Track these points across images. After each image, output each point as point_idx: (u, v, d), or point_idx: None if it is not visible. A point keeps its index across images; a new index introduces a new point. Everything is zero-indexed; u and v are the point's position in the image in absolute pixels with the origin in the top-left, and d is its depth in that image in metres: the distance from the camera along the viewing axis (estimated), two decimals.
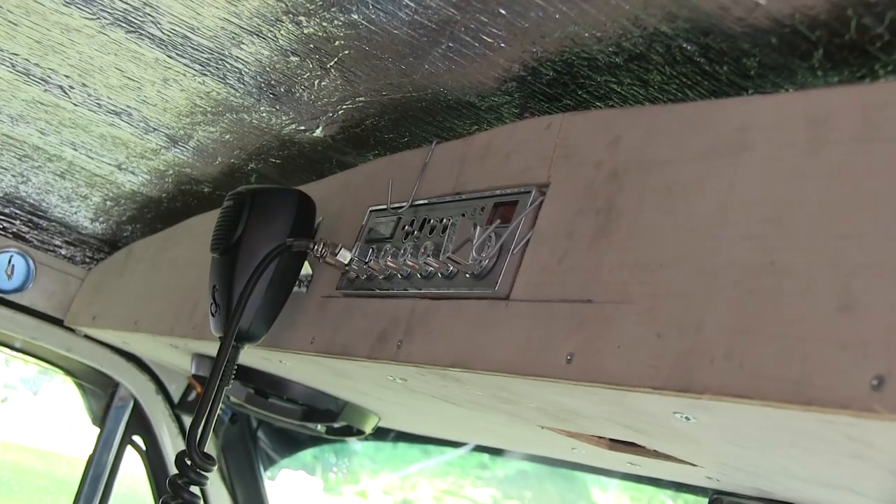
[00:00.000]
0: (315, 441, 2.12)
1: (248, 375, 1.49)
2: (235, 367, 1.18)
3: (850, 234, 0.63)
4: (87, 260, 2.15)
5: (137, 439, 2.10)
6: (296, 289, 1.22)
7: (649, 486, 1.53)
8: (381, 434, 2.01)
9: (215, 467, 1.16)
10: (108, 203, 1.95)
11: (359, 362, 1.06)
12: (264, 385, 1.49)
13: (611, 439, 1.07)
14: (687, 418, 0.75)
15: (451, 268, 0.94)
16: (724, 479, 1.09)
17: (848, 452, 0.70)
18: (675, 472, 1.17)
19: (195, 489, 1.13)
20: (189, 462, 1.12)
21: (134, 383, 2.08)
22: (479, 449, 1.83)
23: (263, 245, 1.15)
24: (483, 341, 0.88)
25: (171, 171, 1.70)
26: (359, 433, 1.54)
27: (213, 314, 1.20)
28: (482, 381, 0.92)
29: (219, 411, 2.10)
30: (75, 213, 2.04)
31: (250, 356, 1.33)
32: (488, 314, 0.89)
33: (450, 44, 1.00)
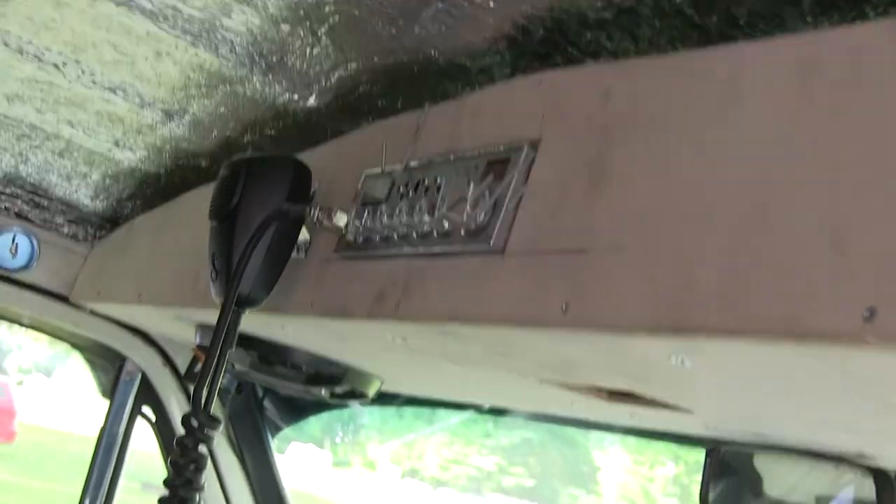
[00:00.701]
0: (320, 407, 2.15)
1: (251, 343, 1.50)
2: (237, 332, 1.20)
3: (841, 175, 0.64)
4: (90, 237, 2.16)
5: (147, 410, 2.14)
6: (294, 255, 1.23)
7: (649, 441, 1.55)
8: (386, 401, 2.03)
9: (220, 427, 1.18)
10: (108, 180, 1.96)
11: (358, 323, 1.07)
12: (267, 352, 1.51)
13: (609, 391, 1.09)
14: (683, 361, 0.77)
15: (446, 225, 0.96)
16: (721, 425, 1.11)
17: (842, 388, 0.72)
18: (672, 422, 1.19)
19: (202, 449, 1.16)
20: (195, 422, 1.15)
21: (141, 357, 2.11)
22: (485, 412, 1.85)
23: (260, 211, 1.17)
24: (480, 295, 0.90)
25: (167, 147, 1.71)
26: (362, 397, 1.56)
27: (213, 280, 1.22)
28: (480, 336, 0.94)
29: (225, 382, 2.13)
30: (76, 191, 2.06)
31: (252, 324, 1.35)
32: (484, 269, 0.91)
33: (440, 4, 1.01)
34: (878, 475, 1.06)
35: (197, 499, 1.17)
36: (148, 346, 2.10)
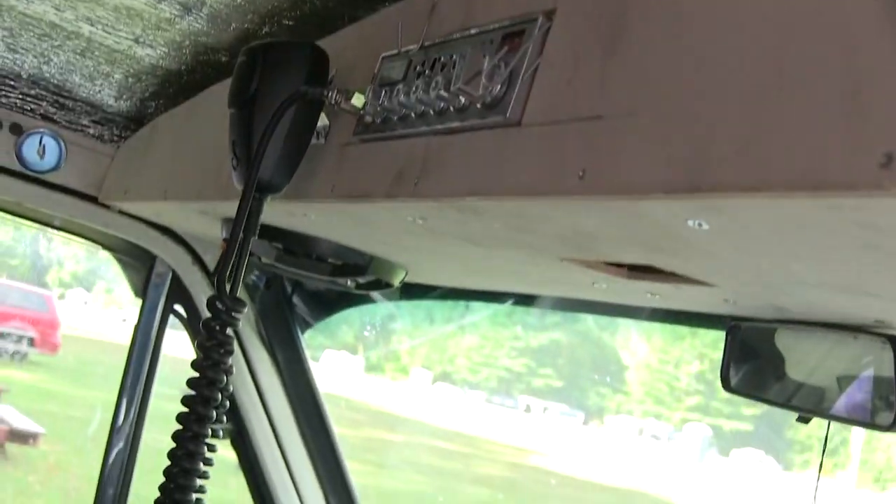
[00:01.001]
0: (348, 303, 2.19)
1: (276, 235, 1.52)
2: (259, 218, 1.21)
3: (855, 23, 0.63)
4: (116, 138, 2.18)
5: (179, 308, 2.18)
6: (314, 141, 1.23)
7: (671, 325, 1.56)
8: (413, 295, 2.06)
9: (245, 309, 1.21)
10: (130, 80, 1.96)
11: (378, 204, 1.08)
12: (293, 244, 1.53)
13: (629, 267, 1.10)
14: (700, 224, 0.77)
15: (463, 100, 0.95)
16: (740, 298, 1.11)
17: (859, 243, 0.72)
18: (692, 299, 1.20)
19: (229, 332, 1.19)
20: (220, 305, 1.17)
21: (170, 255, 2.14)
22: (512, 303, 1.87)
23: (278, 96, 1.17)
24: (497, 168, 0.90)
25: (187, 42, 1.70)
26: (387, 286, 1.58)
27: (234, 168, 1.23)
28: (499, 210, 0.94)
29: (253, 278, 2.17)
30: (99, 91, 2.06)
31: (276, 214, 1.36)
32: (501, 141, 0.91)
33: None
34: None
35: (225, 380, 1.20)
36: (177, 245, 2.13)
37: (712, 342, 1.45)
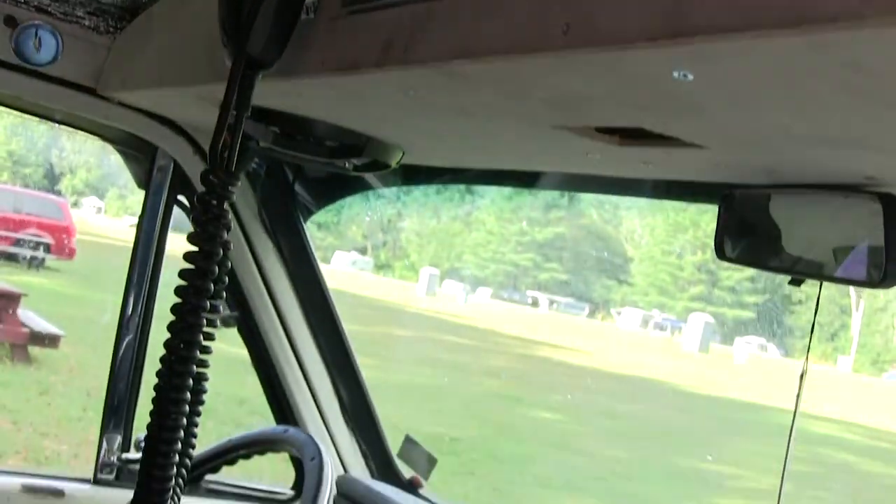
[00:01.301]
0: (350, 189, 2.20)
1: (273, 119, 1.52)
2: (251, 94, 1.21)
3: None
4: (112, 29, 2.15)
5: (182, 198, 2.19)
6: (304, 17, 1.22)
7: (669, 199, 1.57)
8: (414, 180, 2.07)
9: (238, 183, 1.22)
10: None
11: (369, 75, 1.08)
12: (289, 126, 1.53)
13: (620, 134, 1.10)
14: (685, 75, 0.78)
15: None
16: (732, 160, 1.12)
17: (844, 86, 0.72)
18: (685, 165, 1.20)
19: (225, 206, 1.21)
20: (213, 178, 1.18)
21: (171, 146, 2.14)
22: (513, 184, 1.88)
23: None
24: (483, 29, 0.90)
25: None
26: (384, 167, 1.59)
27: (224, 46, 1.22)
28: (487, 73, 0.95)
29: (254, 166, 2.17)
30: None
31: (270, 95, 1.36)
32: (486, 3, 0.90)
33: None
34: (886, 199, 1.07)
35: (221, 252, 1.22)
36: (177, 135, 2.12)
37: (713, 232, 1.47)
